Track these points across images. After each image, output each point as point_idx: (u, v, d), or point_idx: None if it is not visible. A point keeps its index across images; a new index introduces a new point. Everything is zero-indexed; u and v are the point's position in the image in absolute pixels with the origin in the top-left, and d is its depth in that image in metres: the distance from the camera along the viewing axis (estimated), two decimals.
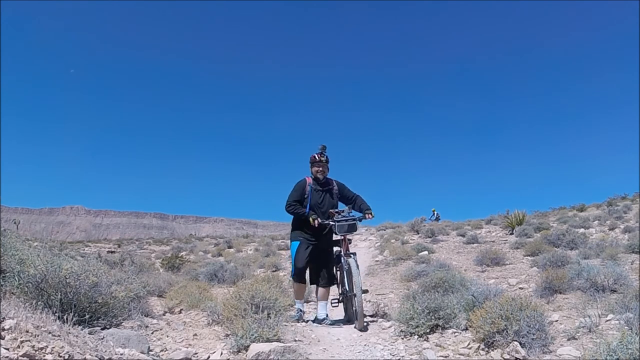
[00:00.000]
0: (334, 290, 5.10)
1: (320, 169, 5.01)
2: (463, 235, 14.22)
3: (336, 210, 4.99)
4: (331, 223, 4.79)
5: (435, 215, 23.07)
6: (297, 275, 4.90)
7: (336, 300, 5.02)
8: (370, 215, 4.95)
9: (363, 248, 14.35)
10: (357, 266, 4.56)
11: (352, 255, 4.68)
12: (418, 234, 16.00)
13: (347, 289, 4.66)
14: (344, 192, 5.20)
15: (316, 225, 4.72)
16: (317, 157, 5.03)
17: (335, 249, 5.06)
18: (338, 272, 5.08)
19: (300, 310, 4.97)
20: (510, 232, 13.98)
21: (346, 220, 4.79)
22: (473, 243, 12.31)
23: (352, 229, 4.83)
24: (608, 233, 12.62)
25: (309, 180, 5.06)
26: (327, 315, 4.83)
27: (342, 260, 4.80)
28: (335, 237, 4.94)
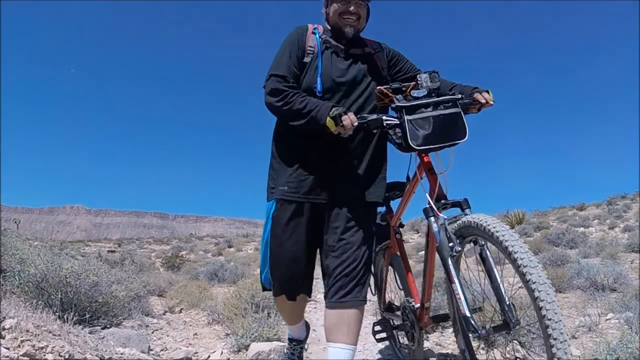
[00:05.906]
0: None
1: (352, 8, 2.08)
2: None
3: (394, 86, 2.03)
4: (384, 119, 1.89)
5: None
6: (276, 285, 2.11)
7: (381, 331, 2.63)
8: (483, 97, 1.95)
9: None
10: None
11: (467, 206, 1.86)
12: (418, 233, 16.01)
13: (459, 310, 1.74)
14: (400, 63, 2.28)
15: (347, 129, 1.83)
16: None
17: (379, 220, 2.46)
18: (380, 266, 2.66)
19: (294, 344, 2.47)
20: None
21: (435, 106, 1.86)
22: None
23: (452, 129, 1.85)
24: (608, 232, 12.63)
25: (320, 29, 2.17)
26: None
27: (434, 226, 1.87)
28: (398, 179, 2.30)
